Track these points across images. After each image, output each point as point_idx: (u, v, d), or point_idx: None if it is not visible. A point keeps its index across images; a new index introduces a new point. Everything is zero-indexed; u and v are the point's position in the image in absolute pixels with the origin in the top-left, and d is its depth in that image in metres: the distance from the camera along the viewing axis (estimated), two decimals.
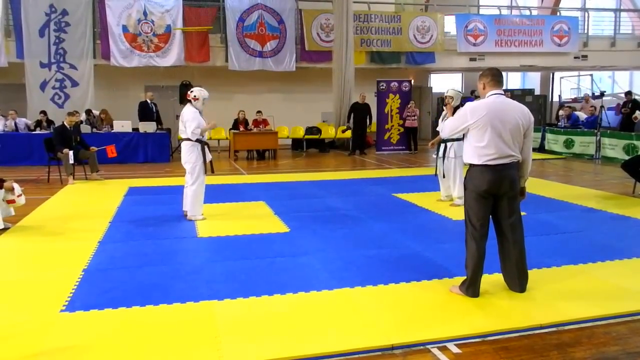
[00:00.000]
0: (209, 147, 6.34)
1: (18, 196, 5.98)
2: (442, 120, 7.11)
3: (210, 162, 6.36)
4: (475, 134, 3.60)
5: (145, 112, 13.32)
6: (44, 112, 12.92)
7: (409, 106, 14.51)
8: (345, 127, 14.69)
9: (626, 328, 3.29)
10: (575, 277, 4.15)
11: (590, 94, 16.60)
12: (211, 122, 6.32)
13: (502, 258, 3.83)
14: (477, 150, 3.61)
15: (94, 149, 9.67)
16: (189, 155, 6.15)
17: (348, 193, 8.07)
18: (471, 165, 3.70)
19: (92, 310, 3.52)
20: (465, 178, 3.77)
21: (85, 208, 7.10)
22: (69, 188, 8.75)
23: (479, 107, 3.62)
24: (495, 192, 3.63)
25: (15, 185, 5.95)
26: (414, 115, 14.58)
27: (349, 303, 3.66)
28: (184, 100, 6.25)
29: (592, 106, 14.35)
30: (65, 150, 9.12)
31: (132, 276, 4.24)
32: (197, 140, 6.13)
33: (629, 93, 13.99)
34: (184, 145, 6.19)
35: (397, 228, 5.79)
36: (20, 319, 3.42)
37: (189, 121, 6.03)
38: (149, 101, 13.45)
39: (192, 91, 6.22)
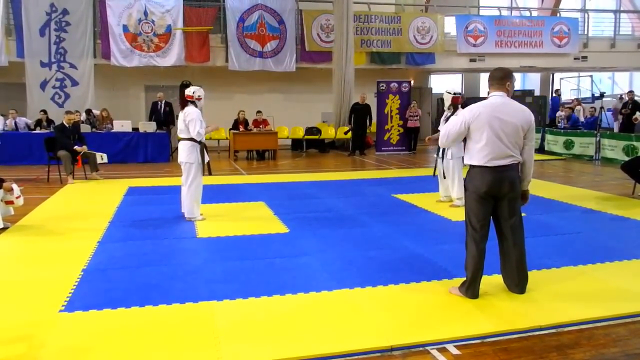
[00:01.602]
0: (206, 148, 6.34)
1: (17, 197, 5.97)
2: (443, 122, 7.11)
3: (208, 163, 6.36)
4: (474, 134, 3.61)
5: (154, 112, 13.51)
6: (44, 111, 12.91)
7: (411, 106, 14.53)
8: (347, 128, 14.69)
9: (626, 330, 3.29)
10: (574, 278, 4.15)
11: (590, 95, 16.61)
12: (214, 125, 6.33)
13: (502, 259, 3.82)
14: (475, 150, 3.61)
15: (84, 148, 9.54)
16: (188, 155, 6.13)
17: (348, 193, 8.07)
18: (471, 167, 3.70)
19: (91, 311, 3.52)
20: (465, 179, 3.76)
21: (84, 208, 7.09)
22: (68, 187, 8.75)
23: (475, 106, 3.64)
24: (496, 193, 3.63)
25: (15, 186, 5.94)
26: (417, 116, 14.59)
27: (348, 304, 3.65)
28: (184, 100, 6.23)
29: (592, 107, 14.35)
30: (62, 153, 9.13)
31: (131, 276, 4.23)
32: (198, 141, 6.13)
33: (630, 92, 13.98)
34: (183, 145, 6.17)
35: (397, 229, 5.78)
36: (19, 318, 3.42)
37: (193, 121, 6.00)
38: (159, 102, 13.54)
39: (194, 92, 6.17)
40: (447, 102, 6.93)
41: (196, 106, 6.13)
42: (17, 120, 12.50)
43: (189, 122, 6.03)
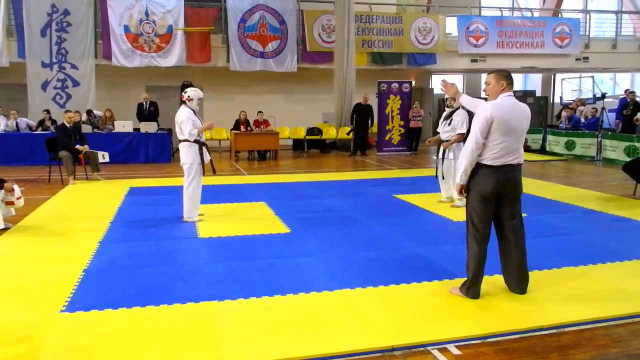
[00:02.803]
0: (207, 148, 6.33)
1: (17, 198, 5.96)
2: (442, 121, 7.11)
3: (211, 162, 6.36)
4: (491, 134, 3.56)
5: (140, 112, 13.54)
6: (47, 111, 12.92)
7: (414, 106, 14.54)
8: (350, 129, 14.70)
9: (626, 330, 3.29)
10: (575, 279, 4.15)
11: (592, 96, 16.58)
12: (207, 122, 6.28)
13: (503, 259, 3.82)
14: (488, 149, 3.59)
15: (86, 147, 9.57)
16: (186, 156, 6.13)
17: (349, 194, 8.07)
18: (478, 166, 3.66)
19: (92, 311, 3.52)
20: (469, 180, 3.73)
21: (85, 208, 7.10)
22: (69, 188, 8.76)
23: (495, 105, 3.58)
24: (499, 193, 3.63)
25: (16, 187, 5.93)
26: (419, 116, 14.60)
27: (350, 304, 3.65)
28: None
29: (593, 108, 14.34)
30: (63, 153, 9.15)
31: (133, 277, 4.24)
32: (195, 141, 6.12)
33: (631, 92, 13.95)
34: (182, 146, 6.18)
35: (398, 229, 5.79)
36: (20, 319, 3.42)
37: (184, 122, 6.01)
38: (144, 102, 13.56)
39: (185, 92, 6.21)
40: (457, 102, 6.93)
41: (190, 107, 6.14)
42: (19, 121, 12.50)
43: (180, 123, 6.06)
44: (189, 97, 6.14)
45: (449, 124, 6.92)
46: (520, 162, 3.65)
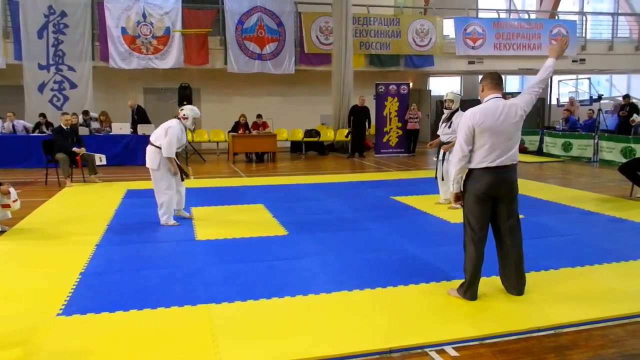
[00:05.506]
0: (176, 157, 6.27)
1: (13, 201, 5.93)
2: (442, 123, 7.13)
3: (180, 168, 6.25)
4: (477, 139, 3.60)
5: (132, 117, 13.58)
6: (43, 115, 12.89)
7: (411, 108, 14.55)
8: (347, 131, 14.71)
9: (623, 330, 3.30)
10: (572, 279, 4.15)
11: (588, 98, 16.64)
12: (174, 171, 6.15)
13: (501, 261, 3.83)
14: (476, 154, 3.62)
15: (83, 150, 9.56)
16: (153, 161, 6.12)
17: (347, 196, 8.07)
18: (470, 169, 3.69)
19: (89, 314, 3.51)
20: (464, 181, 3.76)
21: (82, 211, 7.08)
22: (66, 191, 8.74)
23: (475, 112, 3.62)
24: (494, 194, 3.64)
25: (12, 190, 5.90)
26: (417, 118, 14.62)
27: (347, 306, 3.65)
28: (182, 102, 6.24)
29: (590, 110, 14.38)
30: (60, 156, 9.12)
31: (130, 279, 4.23)
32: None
33: (626, 96, 14.03)
34: (149, 150, 6.17)
35: (396, 231, 5.79)
36: (16, 322, 3.41)
37: (170, 137, 5.96)
38: (132, 109, 13.59)
39: (182, 109, 6.22)
40: (457, 104, 7.00)
41: (184, 124, 6.16)
42: (15, 123, 12.47)
43: (168, 136, 5.99)
44: (184, 115, 6.14)
45: (449, 126, 6.94)
46: (514, 163, 3.65)
